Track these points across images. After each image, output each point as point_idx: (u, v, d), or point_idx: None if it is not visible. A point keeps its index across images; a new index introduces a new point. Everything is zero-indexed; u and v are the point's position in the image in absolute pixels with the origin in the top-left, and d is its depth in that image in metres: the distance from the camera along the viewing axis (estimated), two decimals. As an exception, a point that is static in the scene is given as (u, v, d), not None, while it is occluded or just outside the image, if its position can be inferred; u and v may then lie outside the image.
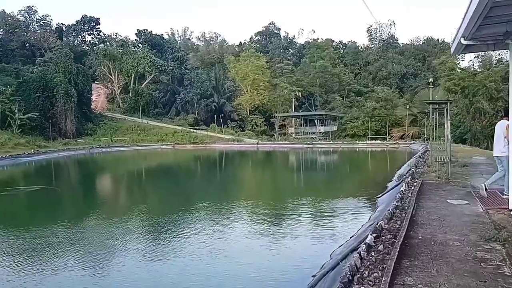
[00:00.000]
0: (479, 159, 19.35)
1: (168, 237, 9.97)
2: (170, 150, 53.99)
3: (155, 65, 77.10)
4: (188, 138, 60.34)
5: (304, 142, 56.35)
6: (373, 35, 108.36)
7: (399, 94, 75.65)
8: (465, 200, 9.27)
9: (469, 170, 14.68)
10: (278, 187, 20.51)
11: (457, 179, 12.39)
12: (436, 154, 18.61)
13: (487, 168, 15.40)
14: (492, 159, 20.81)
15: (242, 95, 76.62)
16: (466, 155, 20.80)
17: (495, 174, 9.88)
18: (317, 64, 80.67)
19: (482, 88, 50.21)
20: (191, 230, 10.53)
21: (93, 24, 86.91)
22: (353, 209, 12.35)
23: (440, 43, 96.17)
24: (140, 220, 12.40)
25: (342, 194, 15.57)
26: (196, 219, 11.97)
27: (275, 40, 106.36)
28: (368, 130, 61.15)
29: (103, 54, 77.82)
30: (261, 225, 11.02)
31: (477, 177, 12.84)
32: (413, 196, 9.28)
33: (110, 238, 10.01)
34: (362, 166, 31.28)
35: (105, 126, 66.97)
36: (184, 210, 13.68)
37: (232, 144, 55.90)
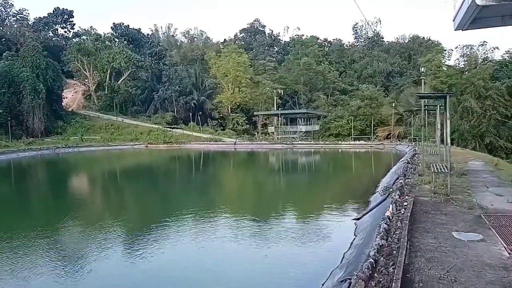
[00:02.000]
0: (476, 164, 16.77)
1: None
2: (142, 150, 50.68)
3: (131, 61, 73.47)
4: (163, 137, 57.09)
5: (284, 142, 53.36)
6: (358, 33, 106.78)
7: (385, 92, 73.68)
8: (477, 232, 6.53)
9: (469, 180, 12.05)
10: (240, 204, 16.01)
11: (458, 195, 9.70)
12: (427, 158, 15.99)
13: (490, 177, 12.81)
14: (491, 165, 18.41)
15: (223, 93, 73.62)
16: (460, 160, 18.22)
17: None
18: (301, 61, 78.23)
19: (470, 86, 48.30)
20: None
21: (66, 17, 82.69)
22: (328, 234, 9.54)
23: (426, 41, 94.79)
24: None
25: (316, 211, 12.60)
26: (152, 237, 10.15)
27: (259, 37, 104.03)
28: (352, 129, 58.66)
29: (76, 48, 73.84)
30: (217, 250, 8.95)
31: (482, 191, 10.19)
32: (404, 227, 6.51)
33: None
34: (343, 171, 28.07)
35: (77, 125, 63.20)
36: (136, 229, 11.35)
37: (208, 144, 52.82)
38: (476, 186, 11.06)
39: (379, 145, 46.44)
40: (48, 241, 9.83)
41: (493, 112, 46.80)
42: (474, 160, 18.44)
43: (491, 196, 9.62)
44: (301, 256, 8.08)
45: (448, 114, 9.27)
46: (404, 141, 46.95)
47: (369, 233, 7.48)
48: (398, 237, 6.12)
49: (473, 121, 47.36)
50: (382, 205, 9.56)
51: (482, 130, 46.86)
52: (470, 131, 47.38)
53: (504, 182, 11.77)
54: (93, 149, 49.92)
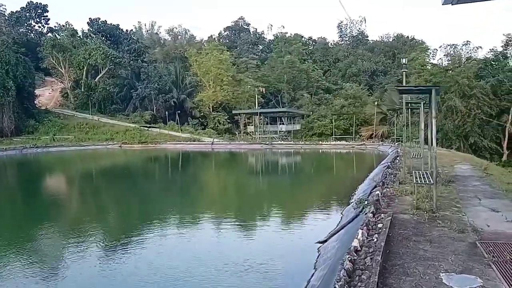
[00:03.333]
0: (464, 169, 15.14)
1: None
2: (116, 150, 48.29)
3: (108, 57, 70.69)
4: (139, 137, 54.69)
5: (264, 142, 51.35)
6: (343, 31, 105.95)
7: (369, 91, 72.55)
8: (474, 272, 4.76)
9: (458, 190, 10.35)
10: (205, 212, 14.28)
11: (446, 211, 7.97)
12: (409, 162, 14.31)
13: (480, 185, 11.15)
14: (480, 169, 16.86)
15: (204, 91, 71.51)
16: (446, 163, 16.59)
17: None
18: (285, 59, 76.72)
19: (454, 85, 47.30)
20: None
21: (40, 11, 79.27)
22: (283, 266, 7.55)
23: (410, 40, 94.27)
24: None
25: (278, 228, 10.56)
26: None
27: (244, 35, 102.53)
28: (333, 128, 57.13)
29: (51, 44, 70.79)
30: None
31: (474, 205, 8.49)
32: (375, 267, 4.68)
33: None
34: (319, 176, 25.67)
35: (50, 124, 60.35)
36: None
37: (184, 144, 50.57)
38: (466, 197, 9.35)
39: (361, 146, 44.75)
40: (17, 249, 9.37)
41: (478, 111, 45.81)
42: (460, 164, 16.83)
43: (485, 212, 7.91)
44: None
45: (434, 112, 7.53)
46: (387, 141, 45.52)
47: (332, 268, 5.66)
48: (366, 283, 4.31)
49: (457, 120, 46.32)
50: (353, 224, 7.78)
51: (467, 129, 45.85)
52: (455, 131, 46.34)
53: (498, 192, 10.11)
54: (64, 149, 47.35)
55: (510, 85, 46.43)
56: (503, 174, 14.70)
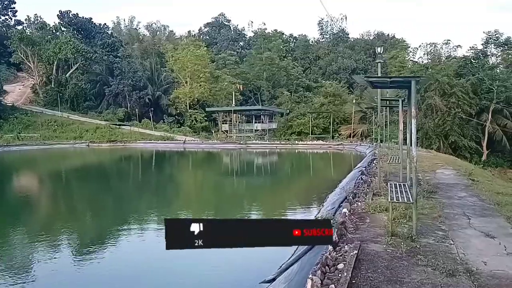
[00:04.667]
0: (447, 174, 13.58)
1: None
2: (84, 149, 45.70)
3: (79, 52, 67.68)
4: (109, 135, 52.07)
5: (238, 141, 49.29)
6: (324, 29, 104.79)
7: (349, 89, 71.46)
8: None
9: (442, 204, 8.68)
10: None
11: (429, 237, 6.26)
12: (387, 167, 12.66)
13: (468, 197, 9.53)
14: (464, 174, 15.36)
15: (180, 88, 69.13)
16: (427, 167, 15.02)
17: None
18: (264, 56, 74.88)
19: (434, 83, 46.37)
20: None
21: (6, 2, 75.42)
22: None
23: (391, 38, 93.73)
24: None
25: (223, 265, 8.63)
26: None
27: (224, 31, 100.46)
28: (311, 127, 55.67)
29: (18, 38, 67.34)
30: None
31: (463, 227, 6.82)
32: None
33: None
34: (288, 181, 23.10)
35: (15, 121, 57.26)
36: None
37: (155, 143, 48.23)
38: (452, 215, 7.67)
39: (339, 146, 43.14)
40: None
41: (458, 110, 44.97)
42: (443, 168, 15.29)
43: (478, 238, 6.24)
44: None
45: (414, 110, 5.81)
46: (366, 140, 44.14)
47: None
48: None
49: (437, 119, 45.42)
50: (309, 256, 5.99)
51: (446, 128, 44.99)
52: (434, 130, 45.43)
53: (489, 207, 8.48)
54: (27, 148, 44.51)
55: (490, 84, 45.77)
56: (490, 180, 13.22)
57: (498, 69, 50.53)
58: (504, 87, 44.93)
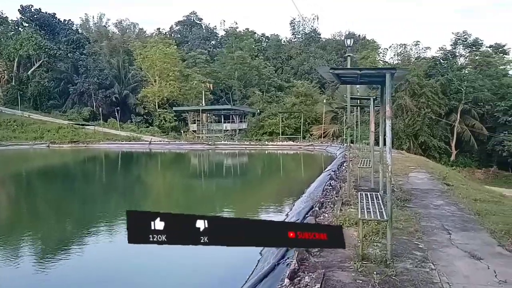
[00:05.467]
0: (420, 178, 12.81)
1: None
2: (44, 150, 43.28)
3: (42, 48, 64.57)
4: (73, 135, 49.65)
5: (206, 142, 47.86)
6: (296, 29, 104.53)
7: (320, 89, 71.22)
8: None
9: (417, 214, 7.78)
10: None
11: (405, 259, 5.29)
12: (358, 171, 11.75)
13: (445, 206, 8.69)
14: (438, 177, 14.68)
15: (149, 86, 67.06)
16: (399, 170, 14.25)
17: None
18: (235, 55, 73.67)
19: (404, 83, 46.53)
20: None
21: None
22: None
23: (362, 39, 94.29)
24: None
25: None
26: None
27: (195, 30, 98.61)
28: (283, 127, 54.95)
29: (-26, 33, 63.76)
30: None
31: (444, 244, 5.92)
32: None
33: None
34: (254, 185, 21.61)
35: (-30, 120, 54.02)
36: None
37: (120, 144, 46.21)
38: (430, 229, 6.75)
39: (309, 146, 42.37)
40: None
41: (427, 110, 45.24)
42: (416, 171, 14.57)
43: (463, 259, 5.32)
44: None
45: (389, 109, 4.81)
46: (336, 141, 43.64)
47: None
48: None
49: (407, 119, 45.57)
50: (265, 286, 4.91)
51: (416, 129, 45.20)
52: (405, 130, 45.56)
53: (469, 217, 7.64)
54: (-23, 150, 41.80)
55: (459, 84, 46.24)
56: (464, 184, 12.54)
57: (466, 70, 51.17)
58: (472, 88, 45.45)
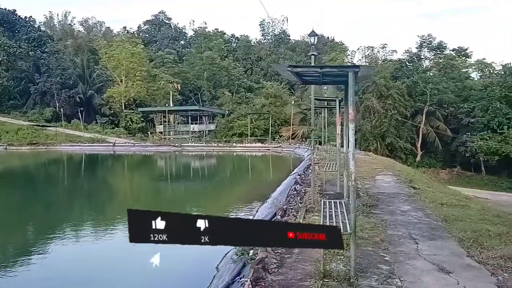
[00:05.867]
0: (387, 181, 12.60)
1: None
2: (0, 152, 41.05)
3: (0, 46, 61.63)
4: (31, 137, 47.43)
5: (173, 144, 46.73)
6: (265, 30, 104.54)
7: (290, 91, 71.33)
8: None
9: (383, 221, 7.43)
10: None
11: (370, 275, 4.90)
12: (324, 175, 11.37)
13: (412, 212, 8.40)
14: (404, 180, 14.54)
15: (115, 86, 65.17)
16: (366, 173, 14.03)
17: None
18: (204, 55, 72.76)
19: (372, 85, 47.13)
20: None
21: None
22: None
23: (331, 41, 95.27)
24: None
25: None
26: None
27: (164, 29, 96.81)
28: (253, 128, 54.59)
29: None
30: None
31: (410, 256, 5.57)
32: None
33: None
34: (219, 190, 20.91)
35: None
36: None
37: (82, 146, 44.49)
38: (397, 238, 6.40)
39: (277, 148, 42.04)
40: None
41: (394, 112, 45.92)
42: (382, 174, 14.39)
43: (431, 273, 4.97)
44: None
45: (352, 111, 4.36)
46: (305, 143, 43.58)
47: None
48: None
49: (374, 121, 46.09)
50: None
51: (383, 130, 45.78)
52: (372, 132, 46.05)
53: (436, 224, 7.35)
54: None
55: (424, 86, 47.15)
56: (430, 187, 12.41)
57: (431, 72, 52.29)
58: (437, 90, 46.43)
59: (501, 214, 8.67)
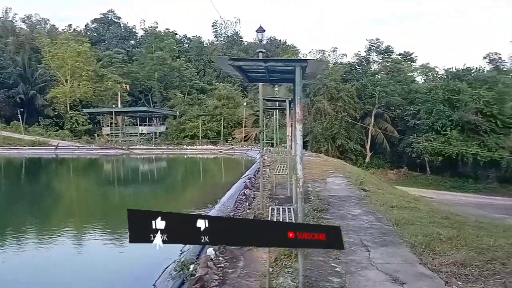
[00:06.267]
0: (337, 184, 12.44)
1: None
2: None
3: None
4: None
5: (120, 146, 44.87)
6: (218, 31, 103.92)
7: (243, 92, 71.13)
8: None
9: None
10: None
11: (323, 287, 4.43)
12: (274, 178, 10.99)
13: (363, 216, 8.17)
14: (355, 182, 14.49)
15: (59, 86, 61.93)
16: (317, 175, 13.85)
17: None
18: (155, 55, 70.93)
19: (323, 87, 47.84)
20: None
21: None
22: None
23: (283, 44, 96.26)
24: None
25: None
26: None
27: (113, 28, 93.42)
28: (200, 131, 53.83)
29: None
30: None
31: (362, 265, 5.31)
32: None
33: None
34: (165, 196, 19.62)
35: None
36: None
37: (21, 149, 41.57)
38: (348, 246, 6.07)
39: (229, 150, 41.46)
40: None
41: (344, 114, 46.83)
42: (333, 176, 14.27)
43: (383, 284, 4.70)
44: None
45: (299, 111, 3.94)
46: (257, 145, 43.44)
47: None
48: None
49: (325, 123, 46.77)
50: None
51: (334, 132, 46.55)
52: (323, 133, 46.69)
53: (388, 228, 7.14)
54: None
55: (372, 89, 48.44)
56: (380, 189, 12.38)
57: (379, 76, 53.84)
58: (385, 93, 47.83)
59: (449, 215, 8.66)
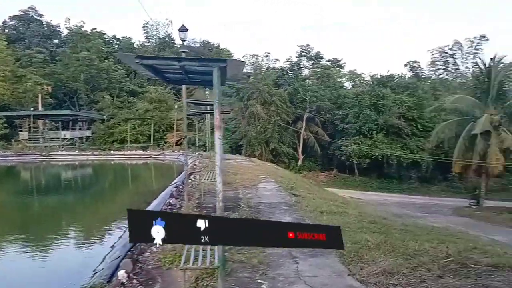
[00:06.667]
0: (269, 189, 12.20)
1: None
2: None
3: None
4: None
5: (39, 152, 41.61)
6: (149, 33, 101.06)
7: (175, 96, 69.59)
8: None
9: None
10: None
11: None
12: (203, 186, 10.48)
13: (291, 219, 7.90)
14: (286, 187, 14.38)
15: (-30, 87, 56.42)
16: (248, 181, 13.55)
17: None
18: (81, 56, 67.08)
19: (256, 92, 48.13)
20: None
21: None
22: None
23: (216, 47, 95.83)
24: None
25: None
26: None
27: (34, 26, 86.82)
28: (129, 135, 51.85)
29: None
30: None
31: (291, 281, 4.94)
32: None
33: None
34: (82, 209, 18.02)
35: None
36: None
37: None
38: (276, 259, 5.75)
39: (160, 155, 40.08)
40: None
41: (277, 118, 47.44)
42: (265, 181, 14.05)
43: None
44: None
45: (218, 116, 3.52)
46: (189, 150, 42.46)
47: None
48: None
49: (259, 127, 47.06)
50: None
51: (267, 136, 46.97)
52: (257, 137, 46.92)
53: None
54: None
55: (304, 94, 49.57)
56: (311, 193, 12.35)
57: (310, 81, 55.31)
58: (315, 97, 49.16)
59: (376, 219, 8.73)
